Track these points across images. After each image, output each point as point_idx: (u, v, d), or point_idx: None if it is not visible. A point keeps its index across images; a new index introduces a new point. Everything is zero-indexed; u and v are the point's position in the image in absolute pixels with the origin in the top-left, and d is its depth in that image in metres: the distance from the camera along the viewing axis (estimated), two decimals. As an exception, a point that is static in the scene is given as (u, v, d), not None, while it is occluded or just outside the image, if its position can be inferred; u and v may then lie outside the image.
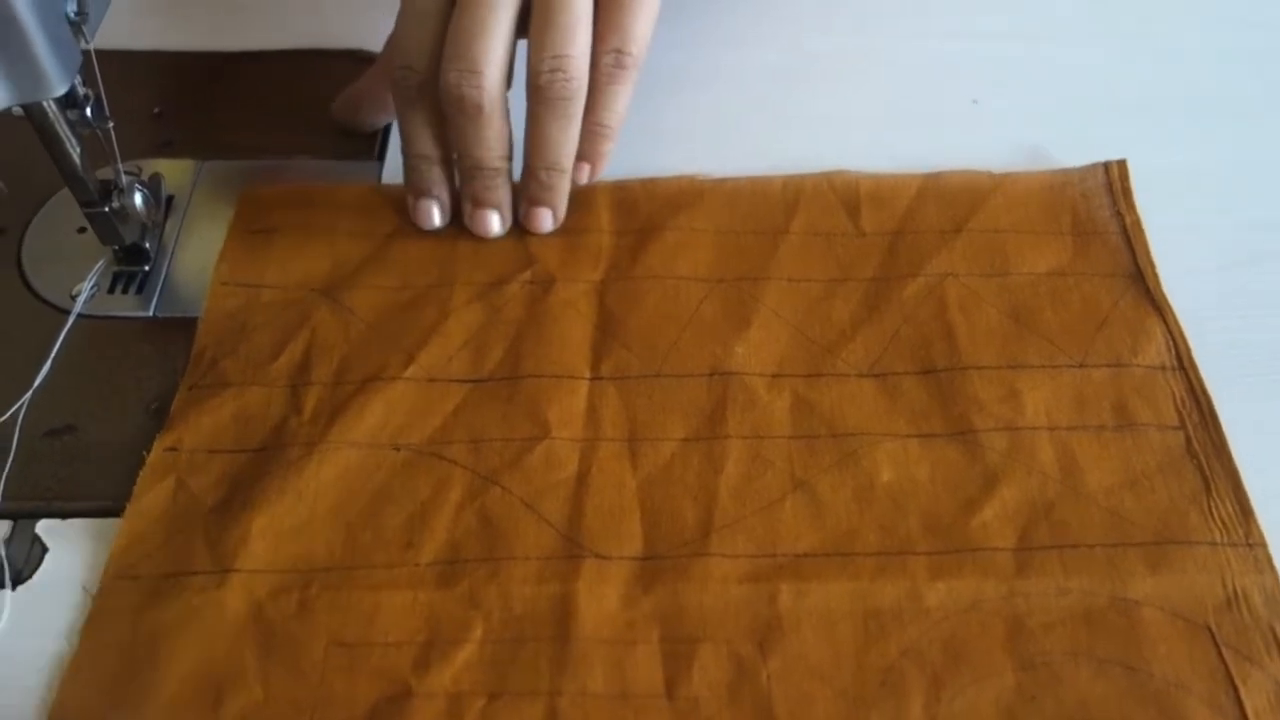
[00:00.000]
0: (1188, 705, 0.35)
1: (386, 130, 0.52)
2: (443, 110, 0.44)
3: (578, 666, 0.36)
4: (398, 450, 0.41)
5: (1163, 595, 0.37)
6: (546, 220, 0.46)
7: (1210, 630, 0.36)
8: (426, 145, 0.46)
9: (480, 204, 0.46)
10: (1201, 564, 0.37)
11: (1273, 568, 0.37)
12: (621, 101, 0.45)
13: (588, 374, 0.43)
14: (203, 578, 0.38)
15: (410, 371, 0.42)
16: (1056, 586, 0.37)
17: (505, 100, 0.44)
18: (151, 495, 0.40)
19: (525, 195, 0.46)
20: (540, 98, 0.43)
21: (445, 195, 0.47)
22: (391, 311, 0.45)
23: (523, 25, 0.43)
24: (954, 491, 0.39)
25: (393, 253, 0.46)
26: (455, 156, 0.46)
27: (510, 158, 0.46)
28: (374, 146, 0.51)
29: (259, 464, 0.40)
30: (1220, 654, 0.35)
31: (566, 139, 0.44)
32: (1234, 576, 0.37)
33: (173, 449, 0.41)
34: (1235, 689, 0.35)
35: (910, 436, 0.41)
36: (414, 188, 0.47)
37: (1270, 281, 0.45)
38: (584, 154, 0.46)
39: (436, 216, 0.47)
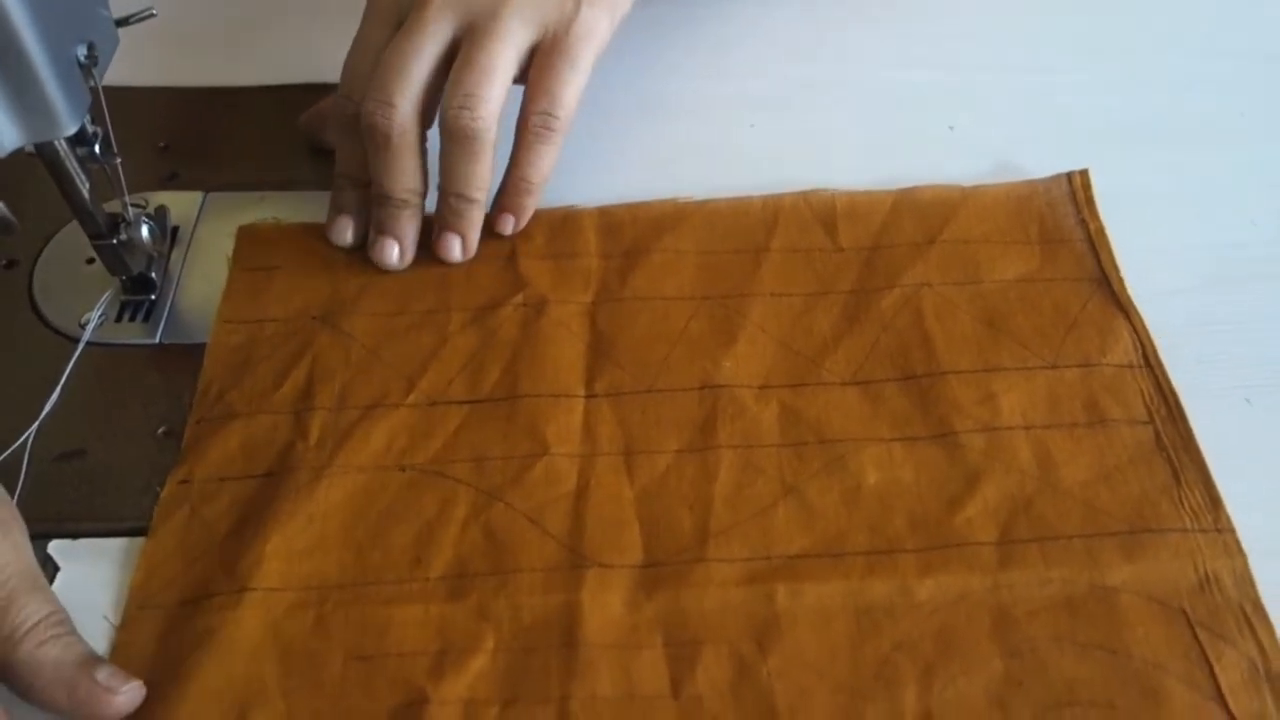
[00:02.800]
0: (1166, 684, 0.36)
1: None
2: None
3: (586, 672, 0.37)
4: (403, 471, 0.42)
5: (1139, 581, 0.38)
6: (454, 247, 0.48)
7: (1185, 612, 0.38)
8: (352, 168, 0.48)
9: (382, 231, 0.48)
10: (1174, 550, 0.39)
11: (1242, 551, 0.39)
12: (546, 160, 0.47)
13: (582, 392, 0.44)
14: (220, 599, 0.39)
15: (412, 398, 0.44)
16: (1038, 577, 0.39)
17: (419, 136, 0.46)
18: (167, 527, 0.41)
19: (436, 221, 0.48)
20: (447, 131, 0.45)
21: (359, 215, 0.49)
22: (390, 337, 0.46)
23: None
24: (937, 491, 0.41)
25: (389, 280, 0.48)
26: None
27: (421, 194, 0.48)
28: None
29: (268, 489, 0.42)
30: (1195, 634, 0.37)
31: (472, 173, 0.46)
32: (1205, 561, 0.39)
33: (185, 481, 0.42)
34: (1210, 667, 0.37)
35: (894, 440, 0.43)
36: (333, 203, 0.49)
37: (1239, 299, 0.47)
38: (508, 206, 0.49)
39: (349, 234, 0.49)
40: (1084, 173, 0.50)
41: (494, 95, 0.45)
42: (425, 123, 0.47)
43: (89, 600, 0.40)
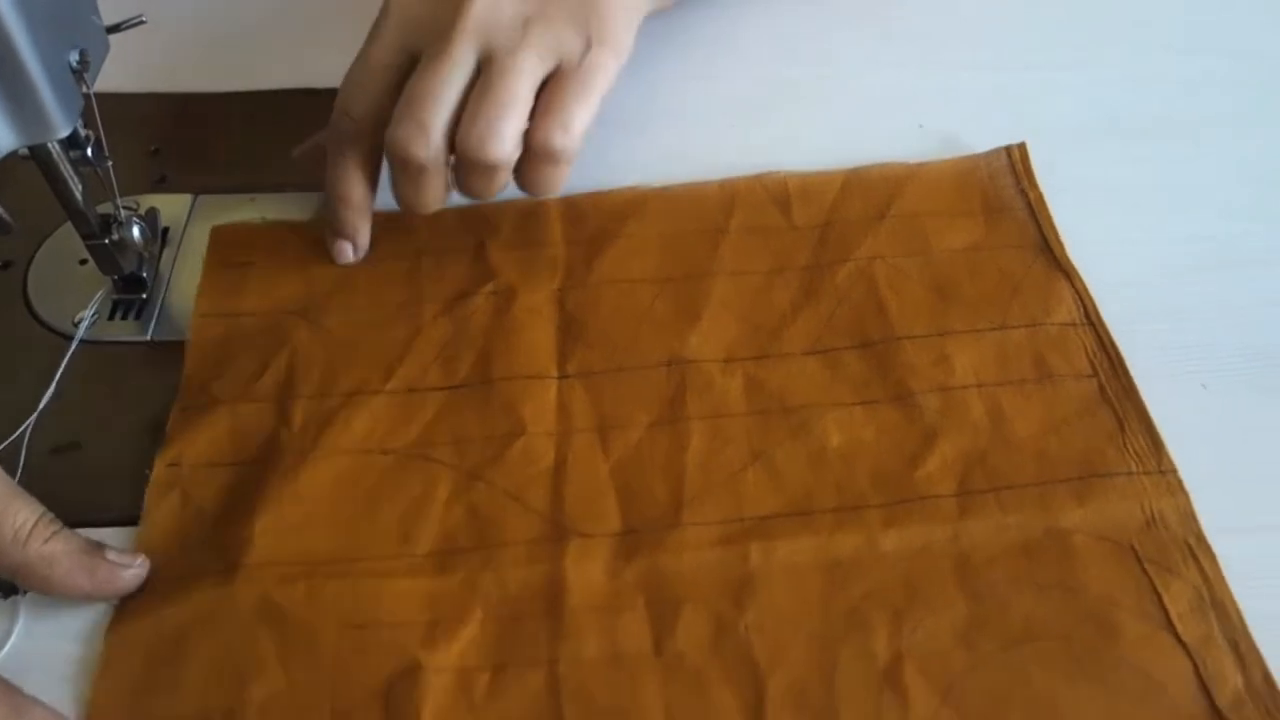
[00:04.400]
0: (1119, 617, 0.39)
1: None
2: (378, 160, 0.48)
3: (571, 636, 0.39)
4: (386, 454, 0.44)
5: (1090, 523, 0.41)
6: None
7: (1134, 549, 0.40)
8: (350, 190, 0.49)
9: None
10: (1121, 492, 0.41)
11: (1184, 490, 0.41)
12: (553, 183, 0.48)
13: (555, 373, 0.46)
14: (214, 577, 0.40)
15: (391, 385, 0.46)
16: (996, 524, 0.41)
17: (447, 162, 0.47)
18: (160, 510, 0.42)
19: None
20: (468, 162, 0.46)
21: (361, 237, 0.50)
22: (366, 329, 0.48)
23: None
24: (898, 449, 0.43)
25: (361, 275, 0.50)
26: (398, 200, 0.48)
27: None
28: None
29: (256, 474, 0.43)
30: (1144, 569, 0.40)
31: (488, 192, 0.47)
32: (1150, 500, 0.41)
33: (174, 464, 0.44)
34: (1160, 597, 0.39)
35: (854, 404, 0.45)
36: (332, 227, 0.50)
37: (1196, 289, 0.48)
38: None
39: (350, 254, 0.50)
40: (1022, 145, 0.53)
41: (512, 129, 0.45)
42: (451, 150, 0.47)
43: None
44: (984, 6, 0.63)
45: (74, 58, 0.40)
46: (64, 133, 0.40)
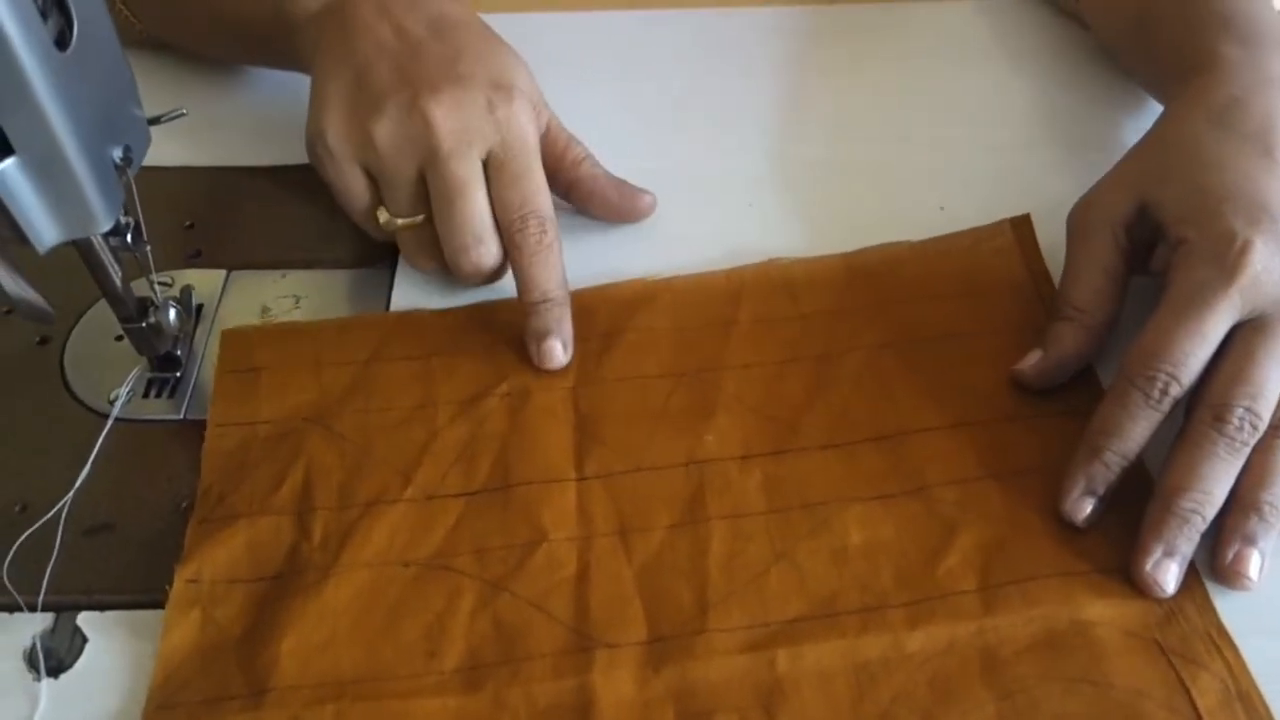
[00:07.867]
0: (1149, 710, 0.39)
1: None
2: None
3: None
4: (407, 566, 0.44)
5: (1112, 616, 0.41)
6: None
7: (1158, 642, 0.40)
8: (1132, 447, 0.43)
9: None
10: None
11: (1200, 582, 0.42)
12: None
13: (574, 475, 0.46)
14: (240, 701, 0.40)
15: (409, 492, 0.46)
16: (1021, 617, 0.41)
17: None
18: (181, 629, 0.42)
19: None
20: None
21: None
22: (381, 433, 0.48)
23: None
24: (918, 545, 0.44)
25: (374, 378, 0.49)
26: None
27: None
28: (388, 255, 0.55)
29: (278, 590, 0.43)
30: (1170, 662, 0.40)
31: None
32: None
33: (194, 580, 0.43)
34: (1188, 691, 0.39)
35: (872, 499, 0.45)
36: (1085, 483, 0.43)
37: None
38: None
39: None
40: (1026, 218, 0.53)
41: (1270, 408, 0.42)
42: None
43: (116, 671, 0.42)
44: (1003, 87, 0.62)
45: (118, 154, 0.40)
46: (106, 227, 0.40)
